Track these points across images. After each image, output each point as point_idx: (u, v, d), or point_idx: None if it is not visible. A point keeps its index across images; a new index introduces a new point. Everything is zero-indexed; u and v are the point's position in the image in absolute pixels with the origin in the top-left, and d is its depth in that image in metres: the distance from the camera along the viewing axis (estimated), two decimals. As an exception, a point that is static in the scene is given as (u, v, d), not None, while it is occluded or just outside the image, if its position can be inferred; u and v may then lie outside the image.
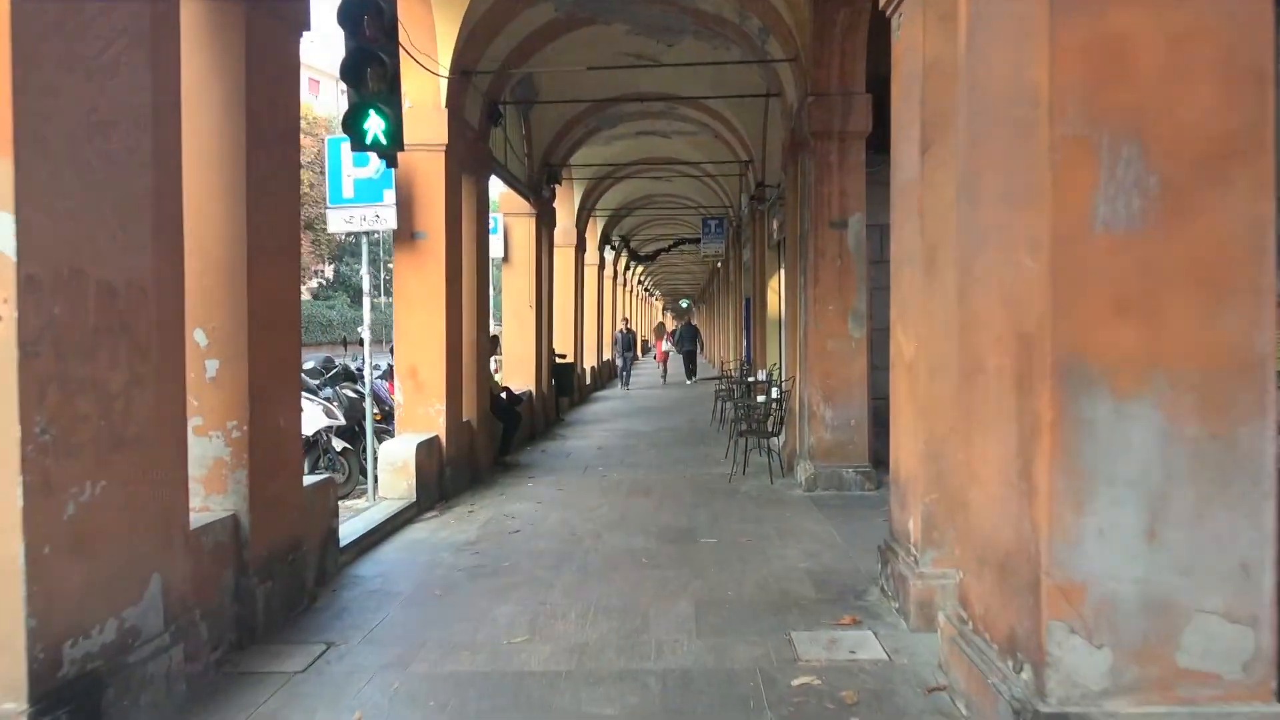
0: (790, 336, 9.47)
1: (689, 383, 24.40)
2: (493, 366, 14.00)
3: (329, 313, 51.73)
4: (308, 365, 10.40)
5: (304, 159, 49.64)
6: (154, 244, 3.57)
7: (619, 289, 32.03)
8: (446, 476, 8.18)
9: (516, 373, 13.15)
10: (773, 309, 12.84)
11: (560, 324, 18.09)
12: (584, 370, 19.91)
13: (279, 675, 4.01)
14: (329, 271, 57.86)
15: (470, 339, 9.31)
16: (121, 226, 3.38)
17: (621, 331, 23.09)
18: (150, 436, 3.53)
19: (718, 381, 15.56)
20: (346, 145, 7.63)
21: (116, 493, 3.34)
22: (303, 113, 51.25)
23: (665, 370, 26.70)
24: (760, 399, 9.38)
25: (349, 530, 6.34)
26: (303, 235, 42.15)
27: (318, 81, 70.45)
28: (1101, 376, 2.78)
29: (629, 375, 23.13)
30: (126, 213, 3.41)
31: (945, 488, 4.34)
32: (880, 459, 8.75)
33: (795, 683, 3.81)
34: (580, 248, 18.86)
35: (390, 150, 5.46)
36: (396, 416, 8.26)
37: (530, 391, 13.06)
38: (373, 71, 5.15)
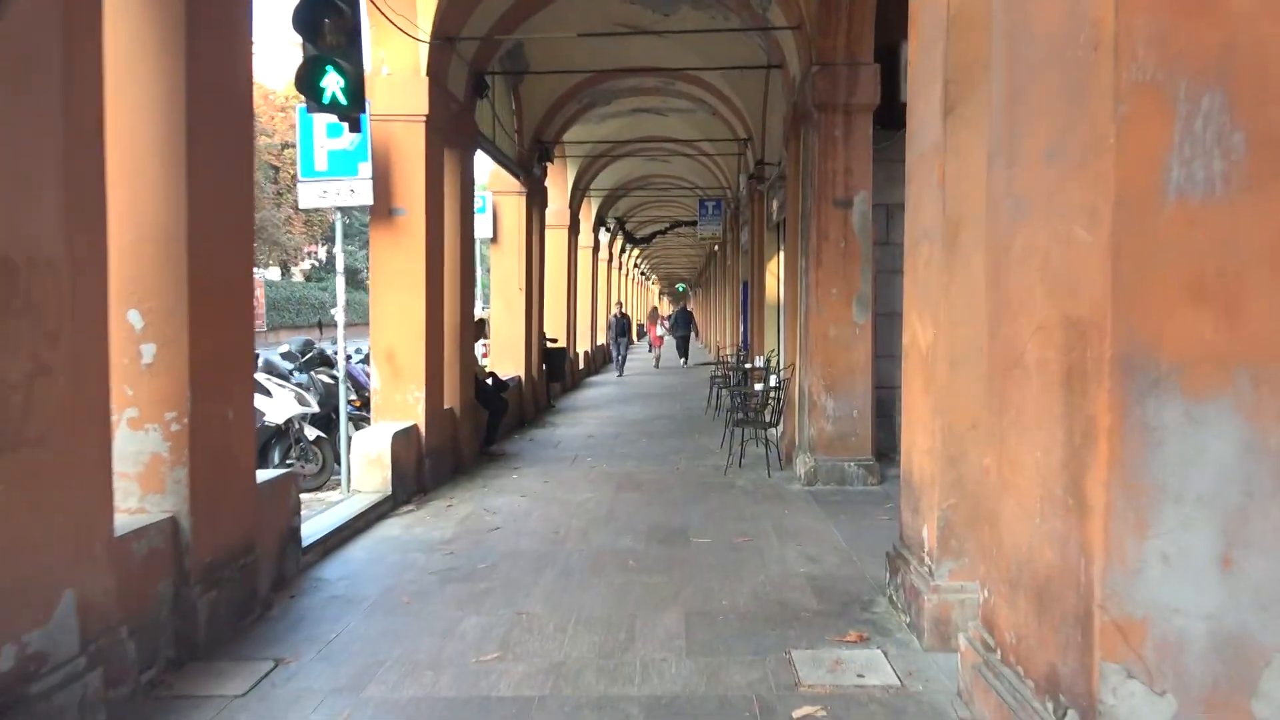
0: (790, 322, 9.01)
1: (682, 365, 24.98)
2: (480, 351, 13.55)
3: (321, 294, 51.29)
4: (283, 349, 9.92)
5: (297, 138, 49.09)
6: (66, 213, 3.09)
7: (614, 272, 31.54)
8: (426, 468, 7.72)
9: (505, 357, 12.69)
10: (771, 293, 12.37)
11: (552, 307, 17.62)
12: (577, 355, 19.45)
13: (216, 700, 3.56)
14: (321, 253, 57.27)
15: (453, 322, 8.84)
16: (21, 193, 2.90)
17: (615, 315, 22.05)
18: (61, 434, 3.06)
19: (713, 367, 15.11)
20: (322, 116, 7.16)
21: (16, 500, 2.88)
22: (295, 98, 50.59)
23: (660, 354, 27.12)
24: (758, 387, 8.92)
25: (315, 528, 5.89)
26: (296, 216, 41.14)
27: (311, 60, 69.62)
28: (1172, 374, 2.32)
29: (624, 361, 22.06)
30: (28, 177, 2.93)
31: (967, 493, 3.89)
32: (884, 451, 8.32)
33: (797, 714, 3.37)
34: (574, 229, 18.36)
35: (351, 111, 4.96)
36: (373, 404, 7.79)
37: (519, 377, 12.61)
38: (330, 23, 4.65)
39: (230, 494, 4.37)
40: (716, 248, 25.00)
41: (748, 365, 12.03)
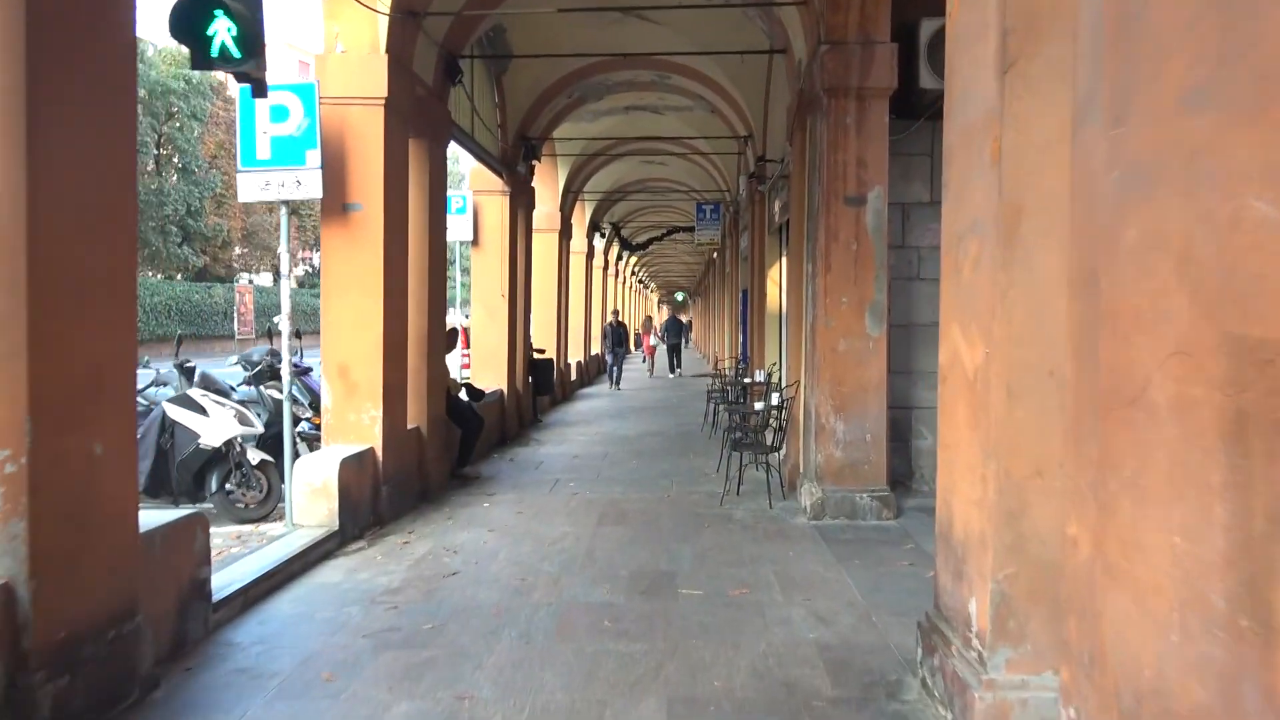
0: (794, 334, 8.13)
1: (673, 376, 24.62)
2: (461, 362, 12.68)
3: (314, 300, 50.48)
4: (231, 362, 8.98)
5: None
6: None
7: (610, 280, 30.69)
8: (383, 497, 6.83)
9: (487, 369, 11.81)
10: (773, 302, 11.51)
11: (542, 316, 16.76)
12: (568, 366, 18.56)
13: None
14: (316, 258, 56.42)
15: (420, 331, 7.97)
16: None
17: (611, 324, 20.55)
18: None
19: (710, 380, 14.23)
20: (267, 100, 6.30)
21: None
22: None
23: (653, 364, 26.81)
24: (758, 406, 8.04)
25: (237, 575, 5.00)
26: (291, 220, 40.77)
27: (307, 65, 68.94)
28: None
29: (620, 373, 20.42)
30: None
31: (1030, 561, 3.01)
32: (898, 479, 7.44)
33: None
34: (565, 233, 17.51)
35: (245, 66, 4.07)
36: (324, 424, 6.91)
37: (501, 391, 11.72)
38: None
39: (96, 549, 3.48)
40: (715, 255, 24.15)
41: (747, 380, 11.17)
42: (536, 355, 13.73)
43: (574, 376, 19.62)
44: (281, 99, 6.40)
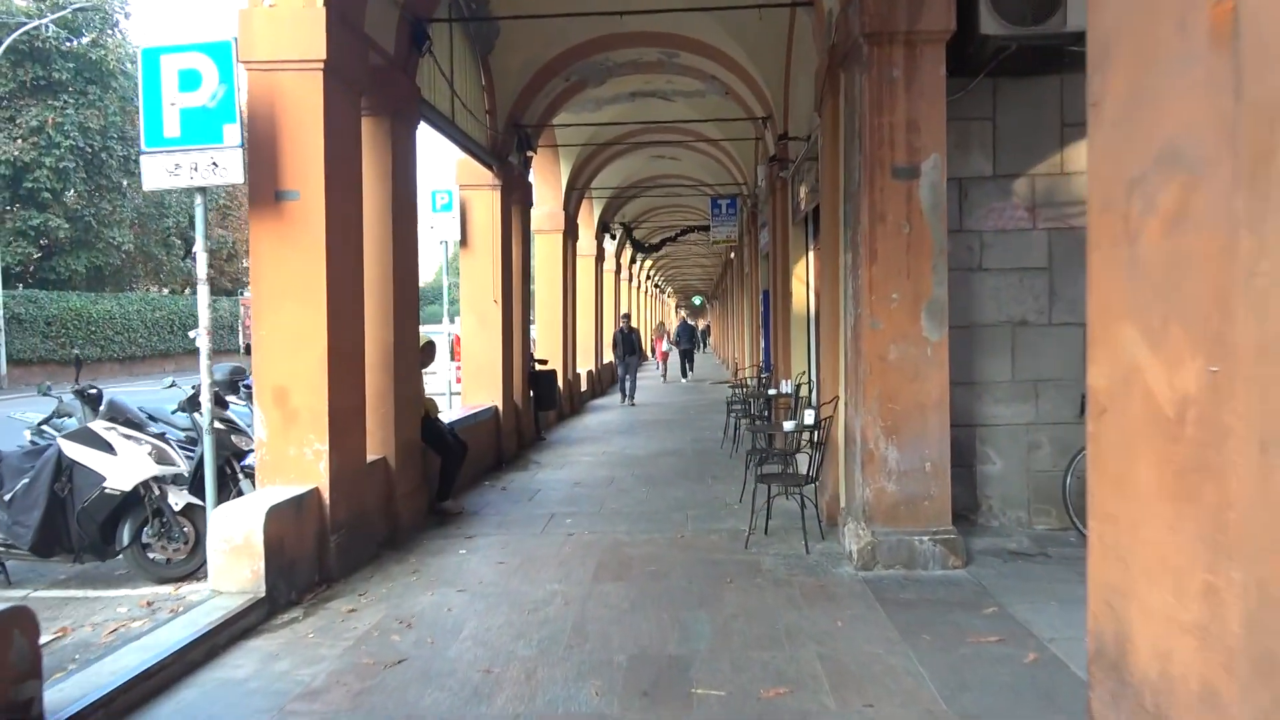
0: (828, 339, 6.82)
1: (684, 381, 24.97)
2: (453, 377, 11.45)
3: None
4: (165, 385, 7.70)
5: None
6: None
7: (624, 284, 29.45)
8: (331, 549, 5.58)
9: (479, 384, 10.55)
10: (799, 303, 10.18)
11: (546, 323, 15.56)
12: (576, 377, 17.29)
13: None
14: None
15: (384, 345, 6.73)
16: None
17: (621, 330, 17.98)
18: None
19: (730, 390, 12.91)
20: (171, 60, 5.11)
21: None
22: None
23: (665, 369, 27.01)
24: (787, 424, 6.71)
25: (102, 677, 3.75)
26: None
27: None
28: None
29: (633, 386, 17.70)
30: None
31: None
32: (961, 512, 6.12)
33: None
34: (570, 233, 16.27)
35: None
36: (258, 460, 5.66)
37: (495, 408, 10.46)
38: None
39: None
40: (732, 254, 22.83)
41: (772, 391, 9.86)
42: (538, 366, 12.47)
43: (584, 387, 18.36)
44: (190, 61, 5.18)
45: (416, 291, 7.41)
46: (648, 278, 39.85)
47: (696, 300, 59.83)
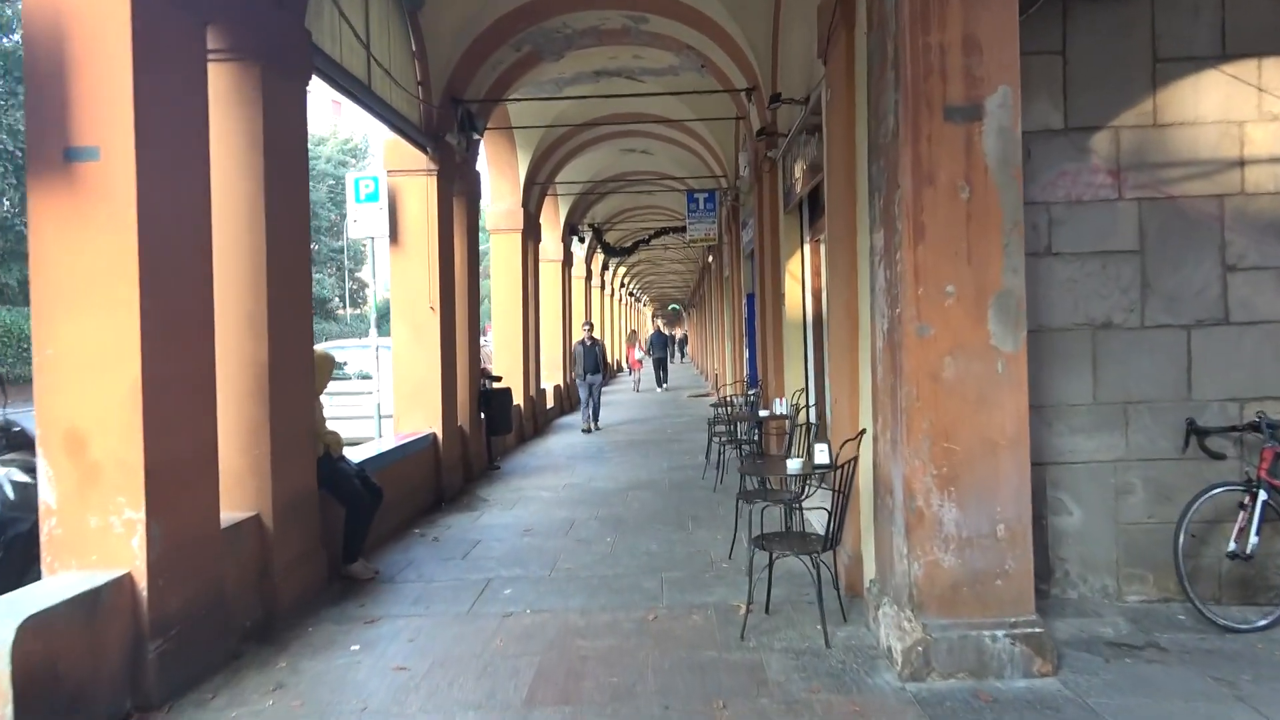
0: (842, 350, 5.22)
1: (660, 390, 24.35)
2: (417, 392, 9.72)
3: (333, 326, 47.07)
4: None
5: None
6: None
7: (596, 292, 27.80)
8: (151, 662, 3.87)
9: (413, 407, 8.83)
10: (794, 305, 8.57)
11: (504, 335, 13.89)
12: (541, 394, 15.60)
13: None
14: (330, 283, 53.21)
15: (255, 363, 5.06)
16: None
17: (582, 343, 14.65)
18: None
19: (714, 408, 11.28)
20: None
21: None
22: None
23: (639, 379, 25.99)
24: (792, 466, 5.05)
25: None
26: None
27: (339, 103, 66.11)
28: None
29: (596, 410, 14.63)
30: None
31: None
32: (1039, 585, 4.50)
33: None
34: (531, 234, 14.62)
35: None
36: (44, 532, 3.93)
37: (434, 435, 8.76)
38: None
39: None
40: (710, 258, 21.24)
41: (763, 413, 8.23)
42: (489, 385, 10.77)
43: (550, 404, 16.67)
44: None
45: (308, 295, 5.72)
46: (622, 285, 38.21)
47: (673, 308, 58.25)
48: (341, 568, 5.94)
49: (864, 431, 4.55)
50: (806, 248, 8.35)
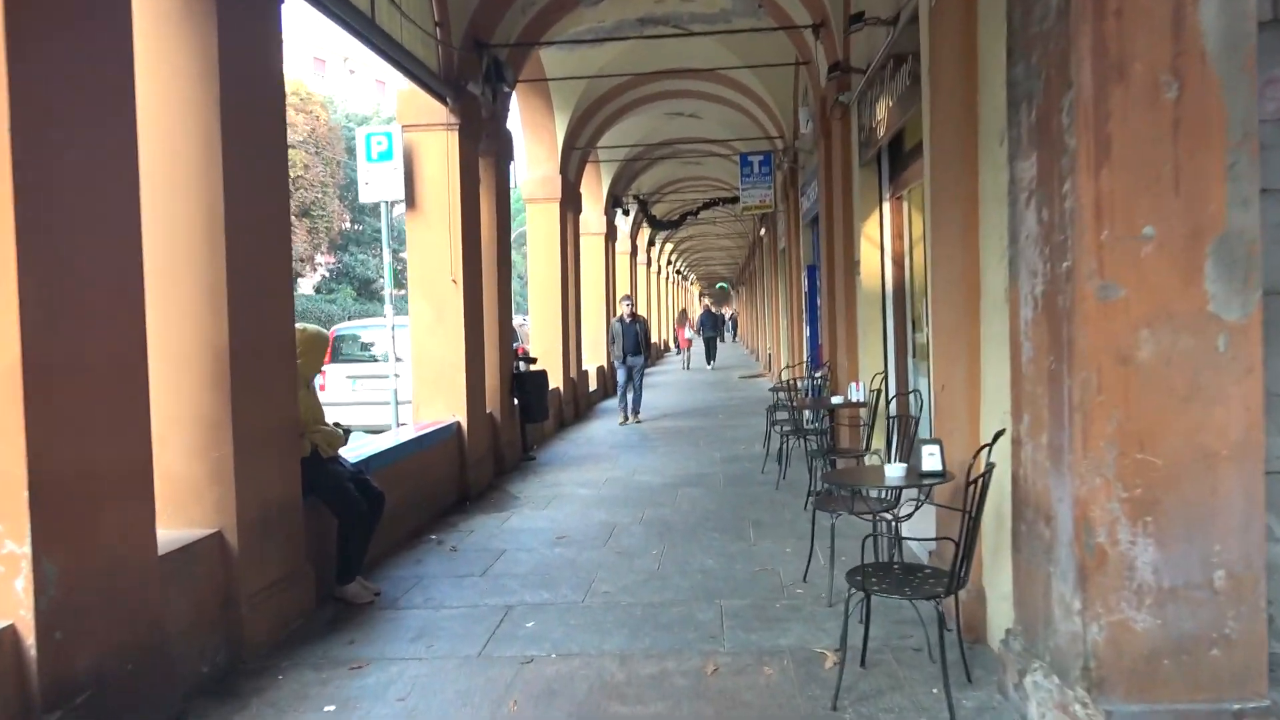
0: (953, 323, 4.05)
1: (709, 367, 24.51)
2: (408, 382, 8.75)
3: (330, 307, 46.80)
4: None
5: (297, 137, 44.85)
6: None
7: (642, 269, 26.71)
8: (40, 743, 2.89)
9: (434, 393, 7.82)
10: (872, 274, 7.34)
11: (542, 313, 12.85)
12: (582, 375, 14.56)
13: None
14: (331, 261, 52.97)
15: (213, 346, 4.04)
16: None
17: (621, 320, 12.73)
18: None
19: (773, 392, 10.12)
20: None
21: None
22: (298, 89, 46.73)
23: (689, 358, 25.92)
24: (892, 473, 3.90)
25: None
26: (299, 223, 36.86)
27: (323, 61, 66.02)
28: None
29: (638, 398, 12.74)
30: None
31: None
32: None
33: None
34: (570, 204, 13.54)
35: None
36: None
37: (459, 425, 7.75)
38: None
39: None
40: (763, 230, 19.95)
41: (836, 400, 7.05)
42: (524, 366, 9.73)
43: (592, 386, 15.63)
44: None
45: (285, 261, 4.69)
46: (669, 263, 37.03)
47: (721, 286, 56.87)
48: (334, 589, 4.95)
49: (1001, 434, 3.37)
50: (886, 206, 7.13)
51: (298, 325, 4.90)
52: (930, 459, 3.82)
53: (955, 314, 4.06)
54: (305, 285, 53.18)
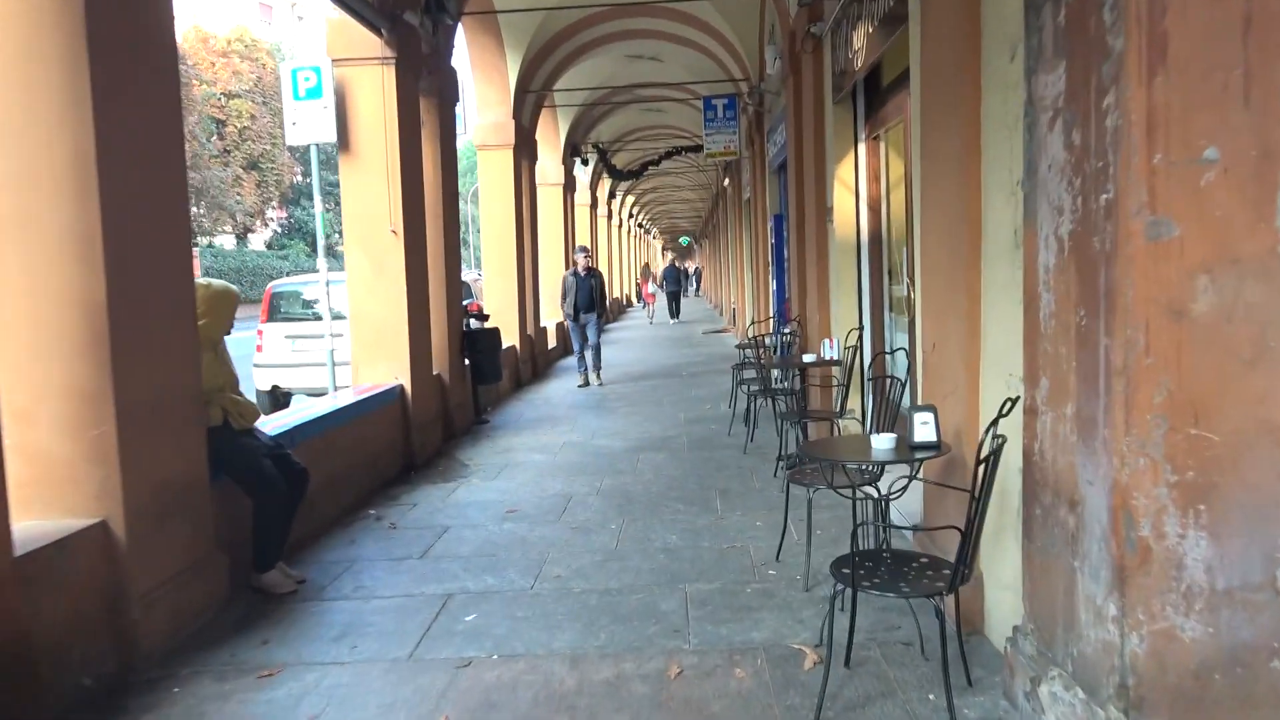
0: (948, 272, 3.55)
1: (673, 321, 24.16)
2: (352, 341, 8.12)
3: (282, 263, 45.41)
4: None
5: (243, 86, 43.07)
6: None
7: (603, 222, 26.01)
8: None
9: (374, 355, 7.20)
10: (846, 222, 6.81)
11: (496, 267, 12.22)
12: (541, 332, 13.97)
13: None
14: (282, 216, 51.37)
15: (86, 304, 3.49)
16: None
17: (575, 273, 11.36)
18: None
19: (740, 349, 9.63)
20: None
21: None
22: (243, 36, 44.60)
23: (653, 312, 26.46)
24: (879, 444, 3.41)
25: None
26: (247, 176, 35.36)
27: (269, 7, 63.50)
28: None
29: (597, 356, 11.55)
30: None
31: None
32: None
33: None
34: (525, 150, 12.82)
35: None
36: None
37: (402, 388, 7.16)
38: None
39: None
40: (726, 180, 19.33)
41: (808, 358, 6.57)
42: (474, 324, 9.12)
43: (552, 344, 15.04)
44: None
45: (181, 199, 4.04)
46: (630, 215, 36.28)
47: (684, 240, 56.20)
48: (252, 577, 4.39)
49: (1014, 401, 2.88)
50: (861, 148, 6.59)
51: (200, 280, 4.28)
52: (924, 429, 3.34)
53: (950, 261, 3.56)
54: (256, 241, 51.77)
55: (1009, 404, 2.87)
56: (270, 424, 5.25)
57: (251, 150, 43.80)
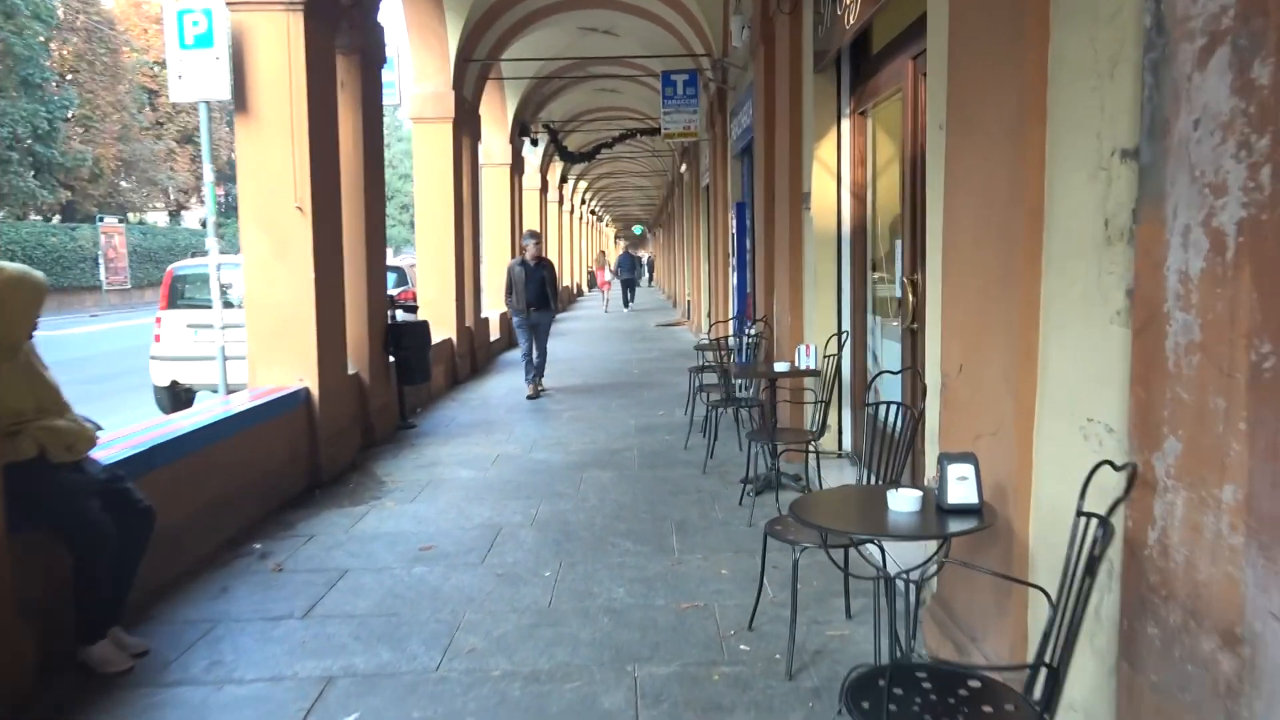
0: (997, 268, 2.67)
1: (626, 310, 24.55)
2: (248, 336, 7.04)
3: (219, 243, 43.39)
4: None
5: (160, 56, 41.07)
6: None
7: (554, 207, 24.96)
8: None
9: (274, 352, 6.14)
10: (824, 210, 5.92)
11: (431, 252, 11.17)
12: (482, 324, 12.93)
13: None
14: (220, 194, 49.20)
15: None
16: None
17: (523, 263, 9.60)
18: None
19: (699, 350, 8.72)
20: None
21: None
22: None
23: (608, 300, 26.59)
24: (898, 505, 2.54)
25: None
26: (182, 151, 33.47)
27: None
28: None
29: (541, 359, 9.84)
30: None
31: None
32: None
33: None
34: (467, 126, 11.75)
35: None
36: None
37: (307, 391, 6.13)
38: None
39: None
40: (683, 167, 18.42)
41: (780, 367, 5.63)
42: (401, 316, 8.09)
43: (494, 336, 14.01)
44: None
45: None
46: (583, 202, 35.23)
47: (637, 229, 55.23)
48: (79, 650, 3.38)
49: (1134, 470, 1.99)
50: (845, 125, 5.72)
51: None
52: (961, 486, 2.46)
53: (993, 262, 2.68)
54: (191, 219, 49.53)
55: (1099, 468, 1.99)
56: (123, 443, 4.20)
57: (186, 123, 41.69)
